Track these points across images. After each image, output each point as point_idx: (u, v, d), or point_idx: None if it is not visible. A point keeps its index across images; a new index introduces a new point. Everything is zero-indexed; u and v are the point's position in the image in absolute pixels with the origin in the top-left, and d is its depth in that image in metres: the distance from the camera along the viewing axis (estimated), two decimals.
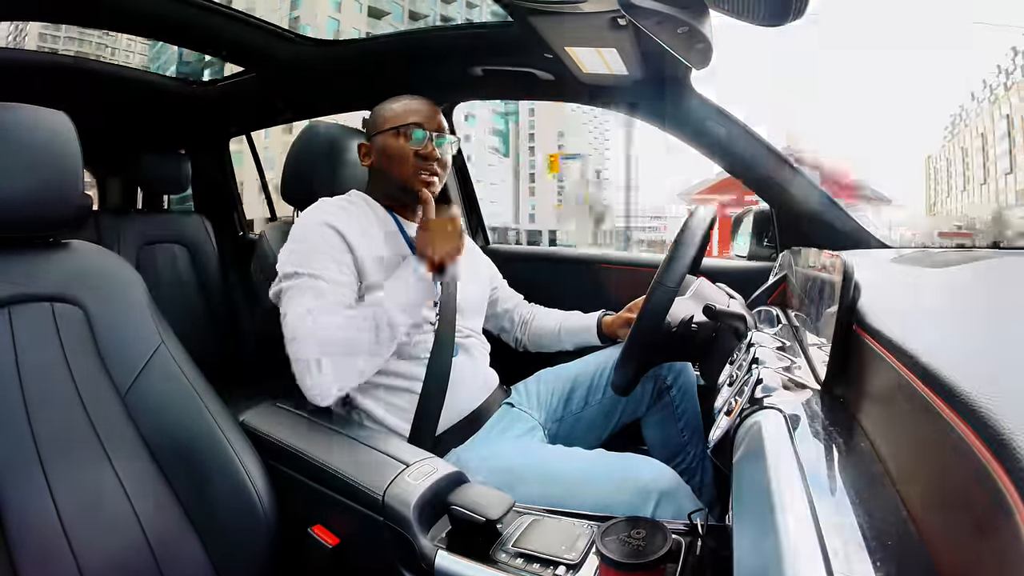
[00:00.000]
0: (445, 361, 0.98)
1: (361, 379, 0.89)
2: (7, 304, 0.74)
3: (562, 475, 0.82)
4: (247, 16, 1.38)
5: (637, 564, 0.53)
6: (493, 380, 1.09)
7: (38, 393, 0.72)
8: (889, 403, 0.40)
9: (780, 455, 0.42)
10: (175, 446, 0.77)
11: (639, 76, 1.18)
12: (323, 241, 0.92)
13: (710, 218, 0.90)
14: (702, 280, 0.96)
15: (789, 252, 1.16)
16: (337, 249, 0.92)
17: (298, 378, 0.85)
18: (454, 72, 1.40)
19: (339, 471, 0.73)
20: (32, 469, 0.69)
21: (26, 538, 0.66)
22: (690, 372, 1.14)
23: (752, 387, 0.57)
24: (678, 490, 0.77)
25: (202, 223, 2.11)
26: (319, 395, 0.85)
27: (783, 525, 0.33)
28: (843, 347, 0.51)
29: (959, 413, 0.27)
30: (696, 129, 1.25)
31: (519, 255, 1.70)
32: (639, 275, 1.40)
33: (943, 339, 0.37)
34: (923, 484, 0.32)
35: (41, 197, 0.76)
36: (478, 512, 0.63)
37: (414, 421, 0.93)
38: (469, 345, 1.05)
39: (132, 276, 0.85)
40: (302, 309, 0.86)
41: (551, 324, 1.24)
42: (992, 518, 0.22)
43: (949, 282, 0.60)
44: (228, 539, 0.76)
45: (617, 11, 0.87)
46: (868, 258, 0.91)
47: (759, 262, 1.35)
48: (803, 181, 1.22)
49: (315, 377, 0.84)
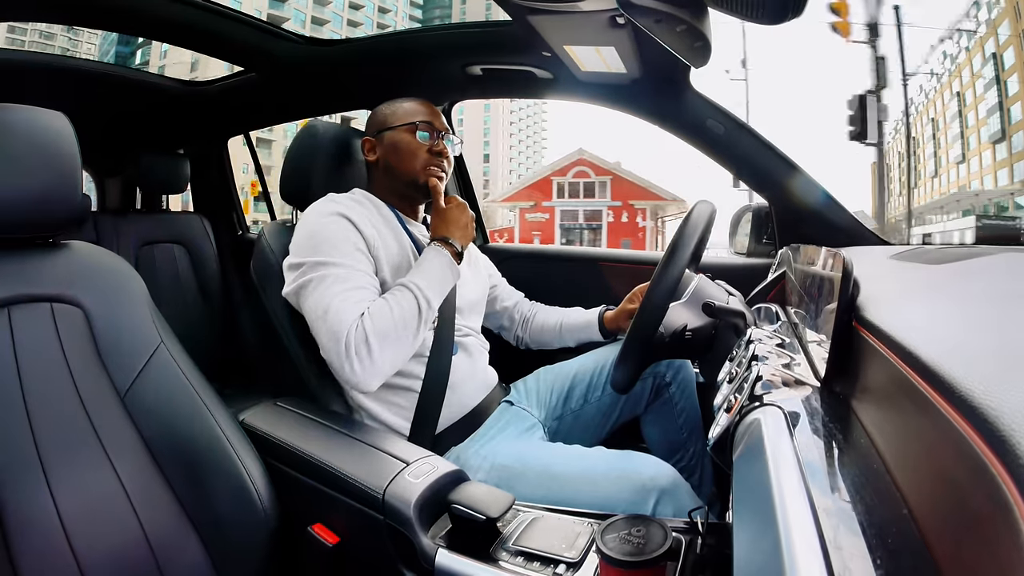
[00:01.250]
0: (445, 360, 0.98)
1: (404, 363, 0.90)
2: (7, 305, 0.74)
3: (562, 473, 0.82)
4: (246, 16, 1.38)
5: (637, 562, 0.53)
6: (492, 378, 1.09)
7: (38, 393, 0.72)
8: (889, 399, 0.40)
9: (780, 452, 0.42)
10: (175, 446, 0.77)
11: (638, 74, 1.18)
12: (340, 229, 0.92)
13: (709, 214, 0.90)
14: (701, 277, 0.96)
15: (788, 249, 1.16)
16: (354, 237, 0.93)
17: (339, 367, 0.84)
18: (453, 71, 1.40)
19: (339, 470, 0.73)
20: (32, 469, 0.69)
21: (26, 538, 0.66)
22: (689, 369, 1.14)
23: (752, 384, 0.57)
24: (678, 488, 0.77)
25: (201, 223, 2.11)
26: (366, 381, 0.84)
27: (783, 522, 0.33)
28: (842, 343, 0.51)
29: (959, 409, 0.27)
30: (695, 127, 1.25)
31: (518, 253, 1.69)
32: (639, 272, 1.40)
33: (943, 335, 0.37)
34: (923, 481, 0.32)
35: (40, 198, 0.75)
36: (478, 510, 0.63)
37: (414, 419, 0.94)
38: (468, 344, 1.05)
39: (132, 276, 0.85)
40: (342, 298, 0.86)
41: (552, 321, 1.24)
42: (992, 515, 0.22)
43: (949, 278, 0.60)
44: (228, 538, 0.76)
45: (616, 10, 0.87)
46: (867, 254, 0.91)
47: (758, 259, 1.35)
48: (802, 178, 1.22)
49: (365, 364, 0.83)
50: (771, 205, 1.28)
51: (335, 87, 1.63)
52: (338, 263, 0.89)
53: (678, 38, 0.81)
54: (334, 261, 0.89)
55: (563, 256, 1.66)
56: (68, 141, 0.77)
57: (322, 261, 0.89)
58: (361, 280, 0.89)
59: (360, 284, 0.88)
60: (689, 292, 0.93)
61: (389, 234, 1.00)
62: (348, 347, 0.83)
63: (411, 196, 1.07)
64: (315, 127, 1.15)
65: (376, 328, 0.84)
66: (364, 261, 0.92)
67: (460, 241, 0.97)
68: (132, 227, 1.93)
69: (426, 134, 1.04)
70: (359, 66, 1.48)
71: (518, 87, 1.45)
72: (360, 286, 0.88)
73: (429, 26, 1.33)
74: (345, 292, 0.86)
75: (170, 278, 1.98)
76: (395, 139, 1.04)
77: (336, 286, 0.87)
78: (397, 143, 1.04)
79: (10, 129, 0.73)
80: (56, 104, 0.79)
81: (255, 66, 1.63)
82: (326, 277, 0.88)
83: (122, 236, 1.89)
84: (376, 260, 0.94)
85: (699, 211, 0.89)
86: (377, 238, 0.96)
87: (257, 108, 1.95)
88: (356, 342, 0.83)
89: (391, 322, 0.85)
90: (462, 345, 1.03)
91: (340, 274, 0.88)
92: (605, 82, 1.26)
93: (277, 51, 1.47)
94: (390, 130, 1.05)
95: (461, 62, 1.36)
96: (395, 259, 0.97)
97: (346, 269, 0.89)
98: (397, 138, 1.04)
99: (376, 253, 0.94)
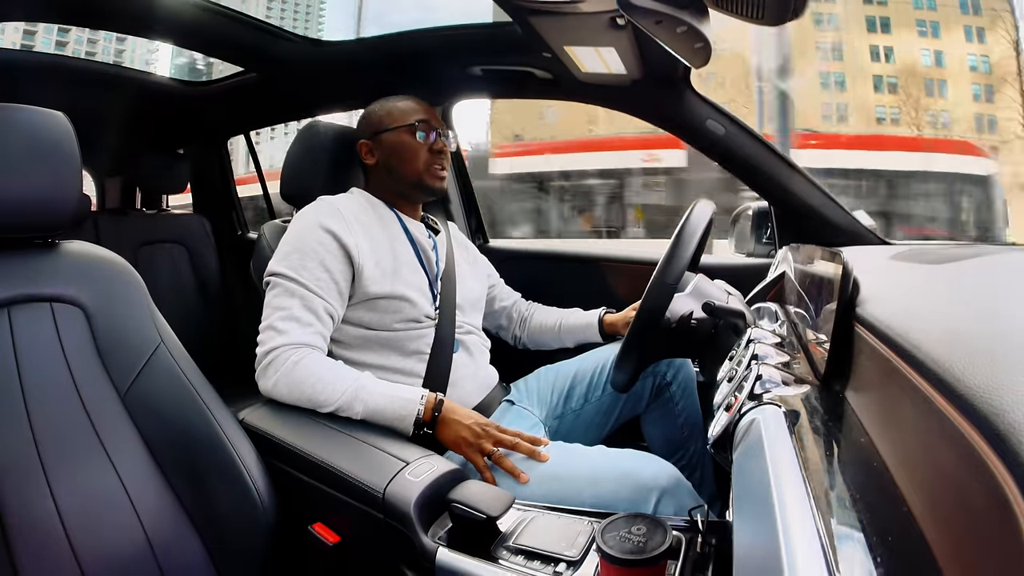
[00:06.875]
0: (445, 357, 0.98)
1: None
2: (7, 305, 0.74)
3: (562, 472, 0.82)
4: (245, 16, 1.38)
5: (638, 560, 0.53)
6: (493, 377, 1.09)
7: (38, 393, 0.72)
8: (888, 398, 0.40)
9: (780, 450, 0.42)
10: (175, 445, 0.78)
11: (638, 75, 1.18)
12: (319, 245, 0.93)
13: (709, 214, 0.90)
14: (701, 276, 0.96)
15: (788, 248, 1.17)
16: (331, 254, 0.93)
17: (256, 371, 0.88)
18: (453, 71, 1.40)
19: (339, 469, 0.73)
20: (32, 469, 0.69)
21: (27, 538, 0.66)
22: (689, 368, 1.14)
23: (752, 383, 0.57)
24: (678, 486, 0.77)
25: (201, 223, 2.11)
26: (267, 393, 0.87)
27: (783, 520, 0.33)
28: (842, 343, 0.52)
29: (958, 408, 0.27)
30: (695, 128, 1.25)
31: (518, 253, 1.70)
32: (638, 273, 1.40)
33: (942, 334, 0.37)
34: (922, 479, 0.32)
35: (40, 198, 0.75)
36: (478, 509, 0.63)
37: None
38: (469, 342, 1.05)
39: (131, 276, 0.85)
40: (285, 315, 0.89)
41: (551, 321, 1.24)
42: (992, 513, 0.23)
43: (948, 277, 0.60)
44: (228, 538, 0.76)
45: (616, 11, 0.87)
46: (866, 254, 0.91)
47: (758, 259, 1.36)
48: (801, 178, 1.22)
49: (270, 384, 0.86)
50: (771, 205, 1.29)
51: (335, 87, 1.64)
52: (299, 281, 0.91)
53: (678, 39, 0.81)
54: (297, 278, 0.91)
55: (564, 256, 1.66)
56: (68, 141, 0.77)
57: (286, 274, 0.91)
58: (314, 303, 0.90)
59: (311, 307, 0.90)
60: (690, 289, 0.93)
61: (383, 236, 1.00)
62: (270, 363, 0.86)
63: (413, 196, 1.08)
64: (315, 127, 1.15)
65: (297, 373, 0.85)
66: (327, 283, 0.92)
67: (449, 434, 0.85)
68: (132, 227, 1.94)
69: (424, 133, 1.04)
70: (359, 66, 1.48)
71: (518, 88, 1.45)
72: (310, 309, 0.90)
73: (429, 27, 1.32)
74: (291, 313, 0.89)
75: (170, 278, 1.98)
76: (395, 140, 1.04)
77: (288, 302, 0.90)
78: (397, 144, 1.04)
79: (10, 129, 0.74)
80: (56, 104, 0.79)
81: (255, 66, 1.63)
82: (284, 291, 0.91)
83: (122, 236, 1.89)
84: (360, 267, 0.94)
85: (699, 211, 0.89)
86: (364, 244, 0.95)
87: (257, 108, 1.95)
88: (277, 364, 0.86)
89: (312, 380, 0.84)
90: (463, 343, 1.03)
91: (296, 291, 0.90)
92: (605, 83, 1.26)
93: (277, 51, 1.47)
94: (388, 131, 1.05)
95: (461, 62, 1.36)
96: (387, 260, 0.97)
97: (303, 290, 0.90)
98: (397, 139, 1.04)
99: (361, 261, 0.94)
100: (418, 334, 0.98)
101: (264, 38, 1.44)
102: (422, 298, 0.99)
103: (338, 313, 0.94)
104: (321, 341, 0.91)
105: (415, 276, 1.00)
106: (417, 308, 0.97)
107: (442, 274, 1.05)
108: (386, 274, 0.96)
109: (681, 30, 0.78)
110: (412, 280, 0.99)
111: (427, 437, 0.84)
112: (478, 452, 0.83)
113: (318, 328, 0.90)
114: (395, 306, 0.96)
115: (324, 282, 0.92)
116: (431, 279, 1.03)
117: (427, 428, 0.84)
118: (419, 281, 1.00)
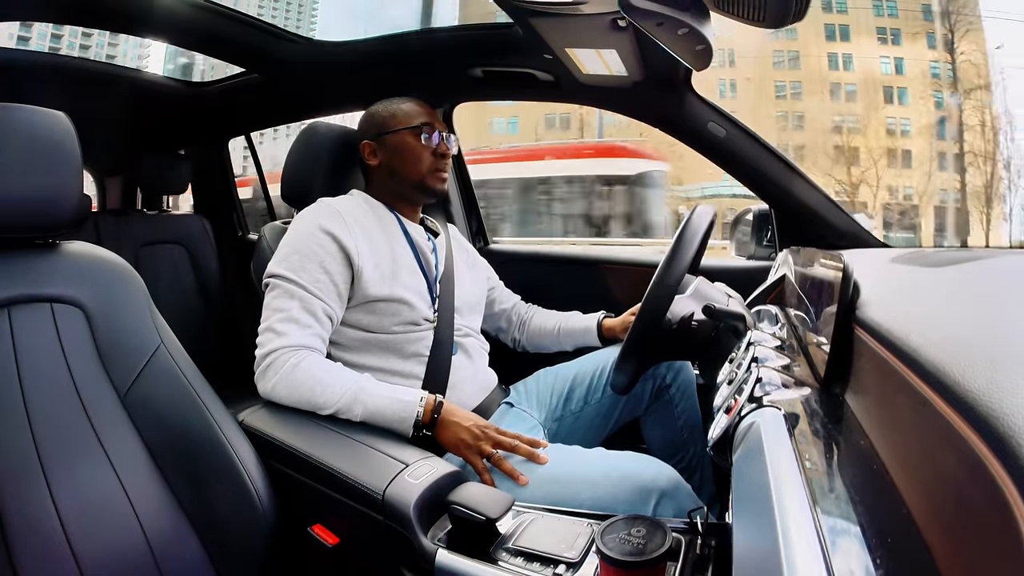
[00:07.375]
0: (444, 360, 0.98)
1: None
2: (7, 305, 0.74)
3: (562, 474, 0.82)
4: (246, 16, 1.38)
5: (637, 562, 0.53)
6: (492, 379, 1.09)
7: (38, 394, 0.72)
8: (888, 401, 0.40)
9: (779, 453, 0.42)
10: (175, 446, 0.77)
11: (639, 77, 1.18)
12: (318, 247, 0.93)
13: (710, 218, 0.90)
14: (701, 279, 0.96)
15: (788, 251, 1.17)
16: (330, 256, 0.93)
17: (255, 372, 0.88)
18: (454, 73, 1.40)
19: (339, 470, 0.73)
20: (32, 470, 0.69)
21: (26, 538, 0.66)
22: (689, 371, 1.14)
23: (751, 385, 0.57)
24: (678, 488, 0.77)
25: (202, 224, 2.11)
26: (266, 395, 0.88)
27: (782, 523, 0.33)
28: (842, 345, 0.52)
29: (958, 410, 0.27)
30: (696, 130, 1.25)
31: (518, 255, 1.70)
32: (639, 275, 1.40)
33: (942, 337, 0.37)
34: (922, 481, 0.32)
35: (40, 198, 0.76)
36: (478, 511, 0.63)
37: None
38: (468, 344, 1.05)
39: (132, 277, 0.85)
40: (285, 317, 0.89)
41: (550, 324, 1.24)
42: (991, 515, 0.23)
43: (948, 281, 0.60)
44: (228, 539, 0.76)
45: (617, 13, 0.87)
46: (867, 257, 0.91)
47: (758, 261, 1.36)
48: (802, 181, 1.22)
49: (269, 387, 0.87)
50: (771, 208, 1.29)
51: (336, 88, 1.64)
52: (299, 283, 0.91)
53: (680, 41, 0.82)
54: (296, 280, 0.91)
55: (564, 258, 1.66)
56: (69, 141, 0.77)
57: (285, 276, 0.92)
58: (313, 305, 0.91)
59: (310, 309, 0.90)
60: (690, 291, 0.93)
61: (383, 238, 1.00)
62: (270, 365, 0.87)
63: (414, 198, 1.08)
64: (316, 128, 1.15)
65: (297, 376, 0.85)
66: (326, 285, 0.92)
67: (448, 436, 0.85)
68: (132, 227, 1.94)
69: (428, 136, 1.04)
70: (360, 67, 1.48)
71: (519, 89, 1.45)
72: (309, 311, 0.90)
73: (430, 28, 1.33)
74: (290, 315, 0.89)
75: (170, 279, 1.98)
76: (399, 142, 1.04)
77: (287, 304, 0.90)
78: (401, 146, 1.04)
79: (10, 129, 0.74)
80: (56, 104, 0.79)
81: (256, 67, 1.63)
82: (284, 293, 0.91)
83: (122, 236, 1.89)
84: (359, 269, 0.94)
85: (699, 215, 0.89)
86: (364, 246, 0.96)
87: (258, 109, 1.95)
88: (276, 366, 0.86)
89: (311, 382, 0.85)
90: (461, 345, 1.03)
91: (295, 292, 0.90)
92: (606, 85, 1.26)
93: (278, 52, 1.48)
94: (391, 133, 1.05)
95: (462, 64, 1.36)
96: (386, 263, 0.97)
97: (302, 292, 0.91)
98: (401, 141, 1.04)
99: (360, 263, 0.94)
100: (417, 337, 0.98)
101: (266, 39, 1.44)
102: (421, 301, 0.99)
103: (337, 315, 0.94)
104: (320, 343, 0.91)
105: (414, 279, 1.00)
106: (416, 311, 0.97)
107: (441, 277, 1.05)
108: (385, 277, 0.96)
109: (682, 32, 0.78)
110: (411, 283, 0.99)
111: (426, 439, 0.84)
112: (477, 454, 0.83)
113: (317, 330, 0.91)
114: (394, 309, 0.96)
115: (323, 284, 0.92)
116: (430, 282, 1.03)
117: (426, 430, 0.84)
118: (418, 284, 1.00)
